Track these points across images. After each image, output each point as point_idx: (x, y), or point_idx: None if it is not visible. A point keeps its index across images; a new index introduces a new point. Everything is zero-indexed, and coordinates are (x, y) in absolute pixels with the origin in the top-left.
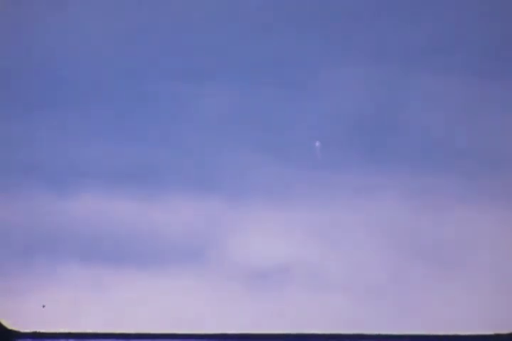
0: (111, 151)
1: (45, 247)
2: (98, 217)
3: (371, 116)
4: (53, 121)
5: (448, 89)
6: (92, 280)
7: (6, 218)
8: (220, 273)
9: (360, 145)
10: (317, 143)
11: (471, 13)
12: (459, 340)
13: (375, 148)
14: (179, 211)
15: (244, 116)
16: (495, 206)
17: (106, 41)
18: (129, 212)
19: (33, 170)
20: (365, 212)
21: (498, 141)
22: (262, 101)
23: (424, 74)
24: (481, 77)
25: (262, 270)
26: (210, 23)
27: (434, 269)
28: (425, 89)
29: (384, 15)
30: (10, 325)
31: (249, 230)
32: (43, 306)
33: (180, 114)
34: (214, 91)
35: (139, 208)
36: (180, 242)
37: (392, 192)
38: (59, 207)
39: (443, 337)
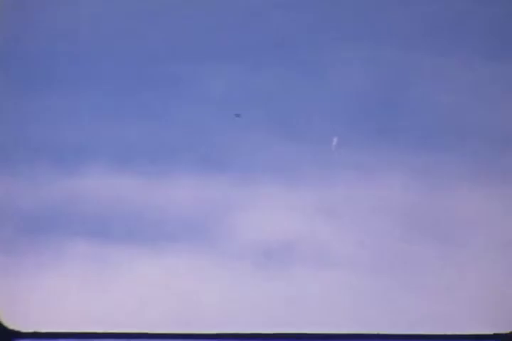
0: (121, 129)
1: (52, 224)
2: (107, 194)
3: (377, 95)
4: (64, 100)
5: (454, 69)
6: (100, 256)
7: (14, 195)
8: (228, 249)
9: (367, 125)
10: (334, 140)
11: None
12: (458, 340)
13: (382, 127)
14: (188, 189)
15: (255, 96)
16: (499, 184)
17: (118, 23)
18: (138, 189)
19: (42, 147)
20: (371, 190)
21: (503, 120)
22: (273, 82)
23: (429, 54)
24: (484, 57)
25: (269, 246)
26: (218, 5)
27: (439, 246)
28: (431, 70)
29: None
30: (10, 324)
31: (258, 208)
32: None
33: (191, 93)
34: (225, 71)
35: (149, 186)
36: (189, 219)
37: (399, 170)
38: (68, 184)
39: (443, 337)
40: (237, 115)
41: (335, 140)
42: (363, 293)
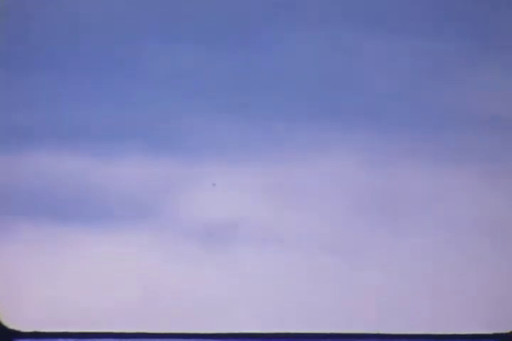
0: (64, 110)
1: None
2: (50, 175)
3: (325, 73)
4: (11, 79)
5: (402, 49)
6: (42, 238)
7: None
8: (172, 230)
9: (314, 102)
10: (213, 184)
11: None
12: (458, 339)
13: (329, 105)
14: (132, 169)
15: (200, 75)
16: (448, 161)
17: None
18: (82, 170)
19: None
20: (318, 168)
21: (453, 98)
22: (219, 60)
23: (377, 35)
24: (434, 38)
25: (215, 225)
26: None
27: (389, 225)
28: (380, 49)
29: None
30: (10, 324)
31: (203, 187)
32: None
33: (136, 73)
34: (170, 51)
35: (92, 166)
36: (133, 200)
37: (348, 149)
38: (10, 164)
39: (442, 337)
40: (213, 184)
41: (213, 184)
42: (312, 274)
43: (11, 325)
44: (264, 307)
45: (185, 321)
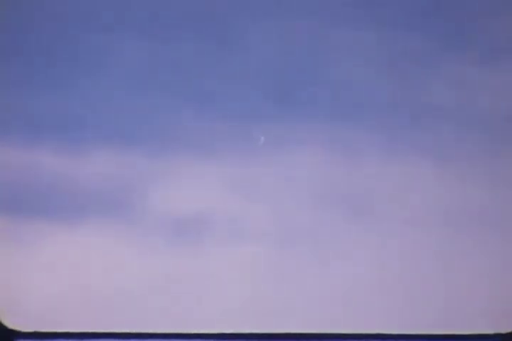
0: (30, 104)
1: None
2: (18, 167)
3: (291, 69)
4: None
5: (371, 43)
6: (10, 235)
7: None
8: (141, 223)
9: (279, 99)
10: (262, 139)
11: None
12: (458, 340)
13: (295, 101)
14: (100, 164)
15: (167, 70)
16: (417, 160)
17: None
18: (48, 165)
19: None
20: (285, 165)
21: (422, 95)
22: (186, 54)
23: (346, 28)
24: (405, 32)
25: (184, 220)
26: None
27: (356, 221)
28: (348, 44)
29: None
30: (10, 324)
31: (171, 183)
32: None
33: (101, 66)
34: (137, 44)
35: (59, 161)
36: (102, 196)
37: (314, 143)
38: None
39: (443, 337)
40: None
41: (262, 139)
42: (282, 268)
43: (11, 325)
44: (235, 301)
45: (154, 315)
